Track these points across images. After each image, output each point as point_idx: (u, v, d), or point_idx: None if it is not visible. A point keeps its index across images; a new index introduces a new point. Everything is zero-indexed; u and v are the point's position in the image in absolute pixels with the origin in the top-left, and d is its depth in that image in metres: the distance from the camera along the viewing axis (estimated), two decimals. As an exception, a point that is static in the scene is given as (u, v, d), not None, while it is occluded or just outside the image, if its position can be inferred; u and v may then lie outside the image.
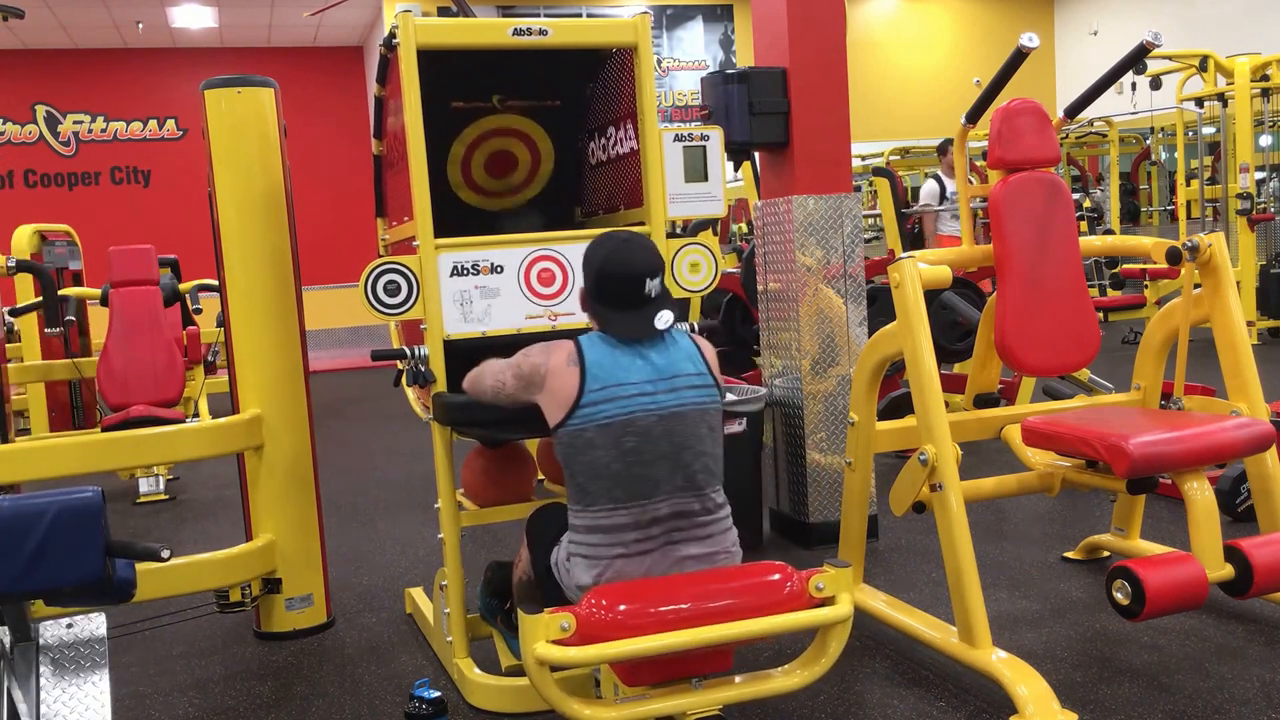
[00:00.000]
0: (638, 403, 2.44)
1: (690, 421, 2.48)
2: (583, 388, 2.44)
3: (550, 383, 2.49)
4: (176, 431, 3.90)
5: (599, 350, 2.49)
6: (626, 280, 2.51)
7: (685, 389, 2.49)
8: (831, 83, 4.47)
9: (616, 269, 2.52)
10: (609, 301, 2.54)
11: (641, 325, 2.51)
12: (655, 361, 2.50)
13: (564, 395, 2.46)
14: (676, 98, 15.29)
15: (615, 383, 2.45)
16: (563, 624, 2.22)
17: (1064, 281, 3.48)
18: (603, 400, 2.43)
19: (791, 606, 2.32)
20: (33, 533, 1.93)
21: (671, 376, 2.49)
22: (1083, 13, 16.59)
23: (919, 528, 4.53)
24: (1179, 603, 2.85)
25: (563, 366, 2.48)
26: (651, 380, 2.47)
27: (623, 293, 2.52)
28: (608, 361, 2.47)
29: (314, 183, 14.59)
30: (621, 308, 2.52)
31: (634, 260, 2.53)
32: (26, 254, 7.47)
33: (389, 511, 5.65)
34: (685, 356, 2.54)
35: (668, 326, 2.52)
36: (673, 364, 2.51)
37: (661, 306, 2.53)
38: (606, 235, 2.63)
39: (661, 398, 2.46)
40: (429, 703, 2.98)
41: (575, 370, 2.46)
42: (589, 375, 2.45)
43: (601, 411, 2.42)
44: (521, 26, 3.09)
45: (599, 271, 2.55)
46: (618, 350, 2.49)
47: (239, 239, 3.75)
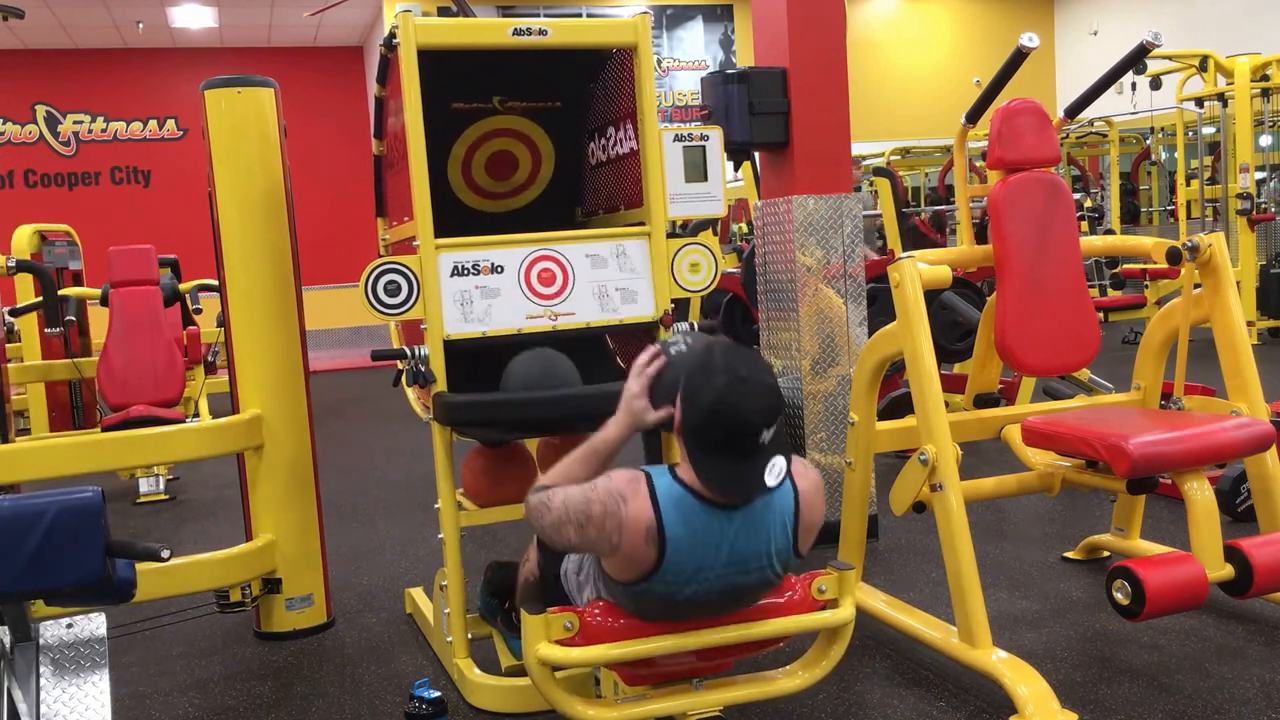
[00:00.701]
0: (713, 584, 2.20)
1: (751, 590, 2.27)
2: (657, 570, 2.15)
3: (624, 551, 2.16)
4: (176, 431, 3.90)
5: (682, 528, 2.14)
6: (740, 432, 2.08)
7: (767, 568, 2.24)
8: (831, 83, 4.47)
9: (730, 417, 2.09)
10: (709, 448, 2.12)
11: (748, 482, 2.12)
12: (742, 538, 2.18)
13: (633, 569, 2.18)
14: (676, 98, 15.30)
15: (694, 568, 2.16)
16: (565, 624, 2.22)
17: (1064, 281, 3.48)
18: (674, 583, 2.18)
19: (794, 609, 2.32)
20: (33, 533, 1.93)
21: (758, 555, 2.21)
22: (1083, 13, 16.60)
23: (919, 528, 4.52)
24: (1179, 603, 2.85)
25: (639, 542, 2.14)
26: (730, 564, 2.19)
27: (731, 443, 2.10)
28: (688, 544, 2.15)
29: (314, 183, 14.60)
30: (723, 455, 2.11)
31: (751, 408, 2.08)
32: (26, 254, 7.47)
33: (389, 511, 5.65)
34: (778, 520, 2.22)
35: (779, 483, 2.13)
36: (760, 535, 2.20)
37: (773, 454, 2.12)
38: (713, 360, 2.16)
39: (732, 578, 2.21)
40: (429, 703, 2.98)
41: (653, 551, 2.14)
42: (667, 561, 2.14)
43: (672, 589, 2.19)
44: (521, 26, 3.09)
45: (707, 415, 2.10)
46: (703, 528, 2.15)
47: (239, 239, 3.75)
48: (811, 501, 2.28)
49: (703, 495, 2.17)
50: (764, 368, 2.18)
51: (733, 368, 2.12)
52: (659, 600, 2.21)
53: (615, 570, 2.22)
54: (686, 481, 2.18)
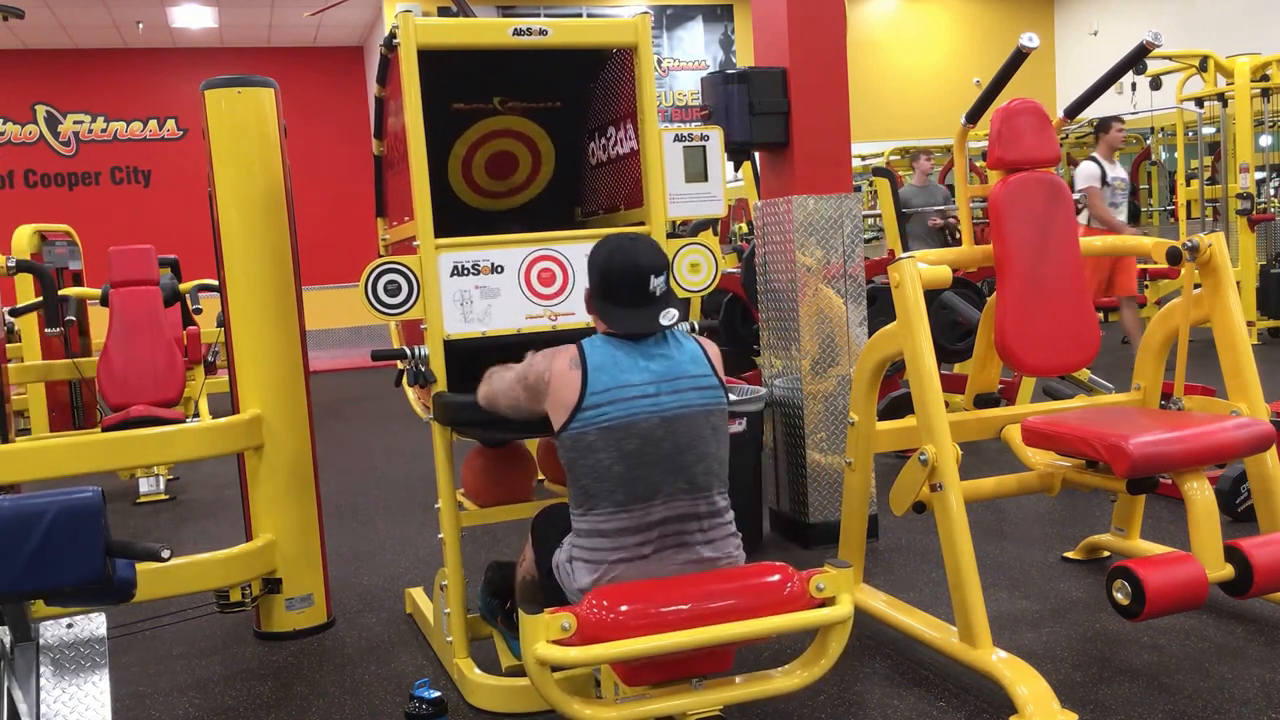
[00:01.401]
0: (640, 405, 2.42)
1: (693, 423, 2.46)
2: (584, 390, 2.42)
3: (554, 387, 2.47)
4: (176, 431, 3.90)
5: (602, 352, 2.48)
6: (631, 277, 2.50)
7: (689, 390, 2.47)
8: (831, 83, 4.47)
9: (621, 266, 2.51)
10: (613, 299, 2.52)
11: (646, 322, 2.49)
12: (659, 363, 2.48)
13: (566, 398, 2.44)
14: (676, 98, 15.30)
15: (617, 385, 2.43)
16: (563, 624, 2.22)
17: (1064, 281, 3.48)
18: (605, 403, 2.41)
19: (792, 607, 2.32)
20: (33, 533, 1.93)
21: (675, 378, 2.47)
22: (1083, 13, 16.60)
23: (919, 528, 4.53)
24: (1179, 603, 2.85)
25: (565, 370, 2.47)
26: (654, 382, 2.45)
27: (627, 290, 2.50)
28: (610, 363, 2.45)
29: (314, 183, 14.59)
30: (626, 305, 2.51)
31: (639, 257, 2.52)
32: (27, 254, 7.47)
33: (389, 511, 5.65)
34: (689, 358, 2.52)
35: (672, 323, 2.50)
36: (676, 365, 2.49)
37: (666, 304, 2.51)
38: (611, 235, 2.63)
39: (665, 399, 2.44)
40: (429, 703, 2.98)
41: (577, 373, 2.44)
42: (591, 378, 2.43)
43: (604, 414, 2.41)
44: (522, 27, 3.09)
45: (603, 268, 2.54)
46: (620, 352, 2.48)
47: (239, 239, 3.75)
48: (715, 354, 2.60)
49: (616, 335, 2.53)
50: (650, 238, 2.68)
51: (622, 235, 2.62)
52: (603, 439, 2.39)
53: (554, 414, 2.47)
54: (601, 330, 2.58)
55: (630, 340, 2.51)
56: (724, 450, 2.54)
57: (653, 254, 2.55)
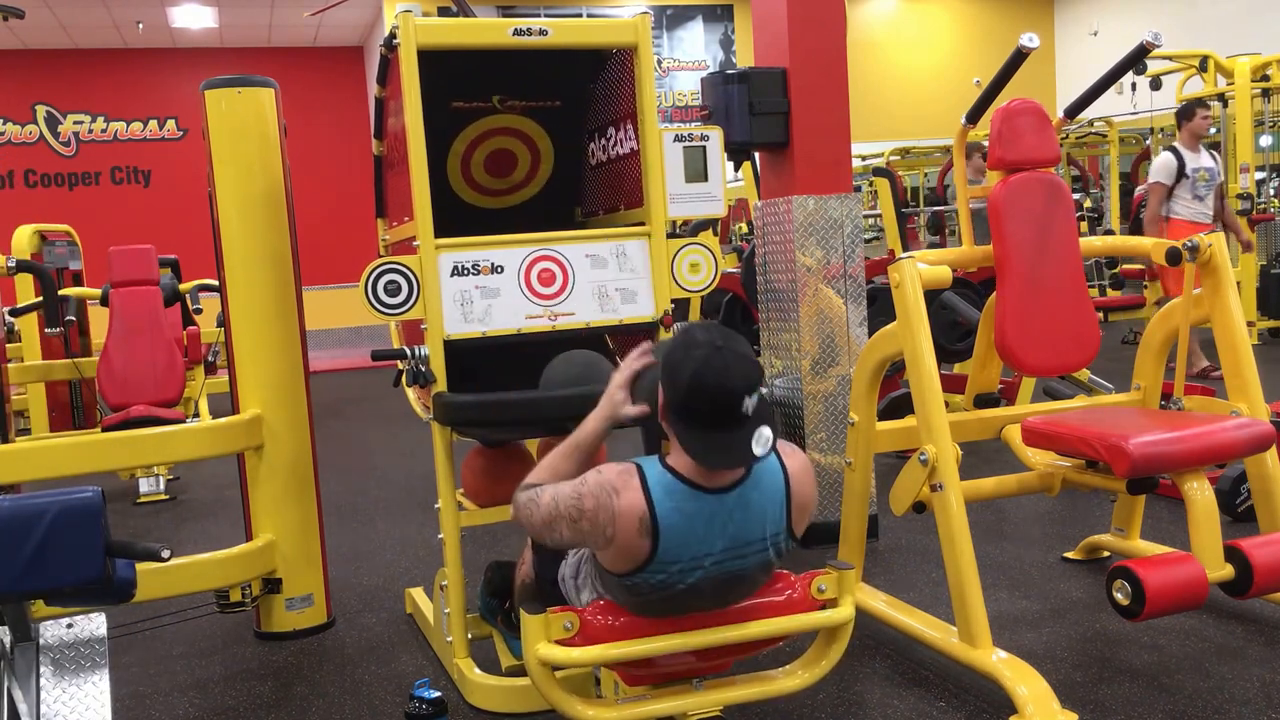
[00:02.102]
0: (705, 572, 2.18)
1: (753, 578, 2.27)
2: (653, 559, 2.15)
3: (618, 544, 2.15)
4: (176, 431, 3.90)
5: (675, 514, 2.14)
6: (721, 400, 2.09)
7: (758, 553, 2.23)
8: (831, 83, 4.47)
9: (710, 386, 2.09)
10: (696, 423, 2.12)
11: (736, 451, 2.11)
12: (736, 522, 2.18)
13: (628, 561, 2.17)
14: (676, 98, 15.30)
15: (689, 556, 2.16)
16: (565, 624, 2.22)
17: (1064, 281, 3.48)
18: (670, 572, 2.17)
19: (794, 609, 2.32)
20: (33, 533, 1.93)
21: (748, 542, 2.20)
22: (1083, 13, 16.60)
23: (919, 528, 4.53)
24: (1179, 603, 2.85)
25: (633, 535, 2.13)
26: (726, 550, 2.18)
27: (715, 415, 2.10)
28: (683, 532, 2.14)
29: (314, 183, 14.59)
30: (712, 429, 2.12)
31: (731, 374, 2.10)
32: (27, 254, 7.47)
33: (389, 511, 5.65)
34: (769, 499, 2.22)
35: (767, 452, 2.13)
36: (753, 521, 2.20)
37: (758, 424, 2.12)
38: (690, 338, 2.16)
39: (730, 564, 2.20)
40: (429, 703, 2.98)
41: (647, 543, 2.13)
42: (661, 550, 2.13)
43: (668, 579, 2.18)
44: (522, 27, 3.09)
45: (688, 386, 2.11)
46: (698, 512, 2.15)
47: (239, 239, 3.75)
48: (801, 479, 2.28)
49: (694, 482, 2.17)
50: (741, 340, 2.18)
51: (710, 340, 2.14)
52: (656, 591, 2.20)
53: (610, 563, 2.21)
54: (677, 469, 2.18)
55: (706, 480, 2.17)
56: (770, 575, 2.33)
57: (747, 367, 2.13)
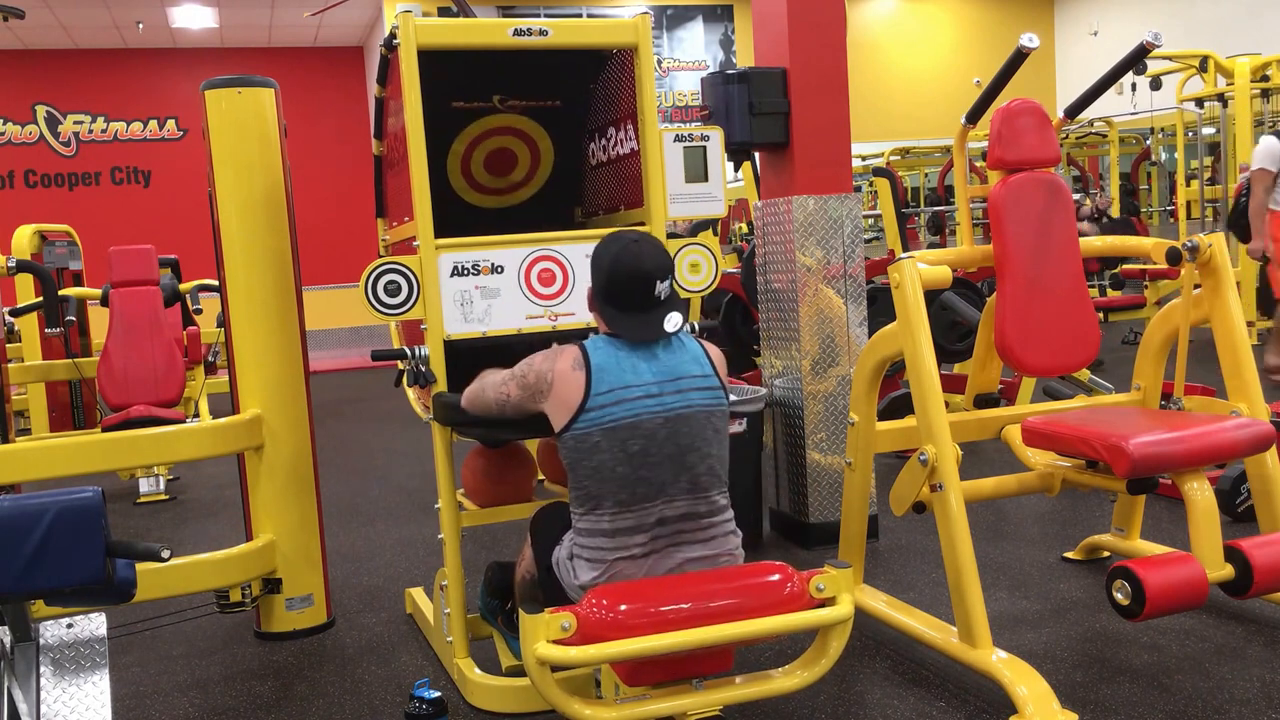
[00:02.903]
0: (643, 405, 2.42)
1: (696, 423, 2.47)
2: (588, 391, 2.42)
3: (556, 387, 2.46)
4: (176, 431, 3.89)
5: (604, 353, 2.47)
6: (636, 281, 2.48)
7: (691, 390, 2.47)
8: (831, 83, 4.47)
9: (626, 270, 2.49)
10: (617, 303, 2.51)
11: (650, 327, 2.49)
12: (662, 363, 2.48)
13: (570, 399, 2.43)
14: (676, 98, 15.30)
15: (621, 385, 2.43)
16: (563, 624, 2.22)
17: (1064, 281, 3.48)
18: (609, 404, 2.41)
19: (792, 607, 2.32)
20: (33, 533, 1.93)
21: (678, 378, 2.47)
22: (1083, 13, 16.60)
23: (919, 528, 4.53)
24: (1179, 603, 2.85)
25: (568, 371, 2.45)
26: (658, 382, 2.45)
27: (632, 294, 2.49)
28: (613, 364, 2.45)
29: (314, 183, 14.59)
30: (630, 309, 2.50)
31: (644, 261, 2.49)
32: (27, 254, 7.48)
33: (389, 511, 5.65)
34: (691, 359, 2.52)
35: (677, 329, 2.50)
36: (679, 365, 2.49)
37: (671, 308, 2.51)
38: (615, 235, 2.58)
39: (668, 399, 2.44)
40: (429, 703, 2.98)
41: (581, 374, 2.43)
42: (594, 378, 2.42)
43: (607, 415, 2.41)
44: (522, 27, 3.09)
45: (608, 272, 2.51)
46: (623, 353, 2.47)
47: (239, 239, 3.75)
48: (717, 354, 2.58)
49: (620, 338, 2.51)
50: (655, 240, 2.59)
51: (626, 235, 2.55)
52: (606, 438, 2.39)
53: (555, 412, 2.46)
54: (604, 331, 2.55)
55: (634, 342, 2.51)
56: (725, 450, 2.54)
57: (658, 257, 2.52)
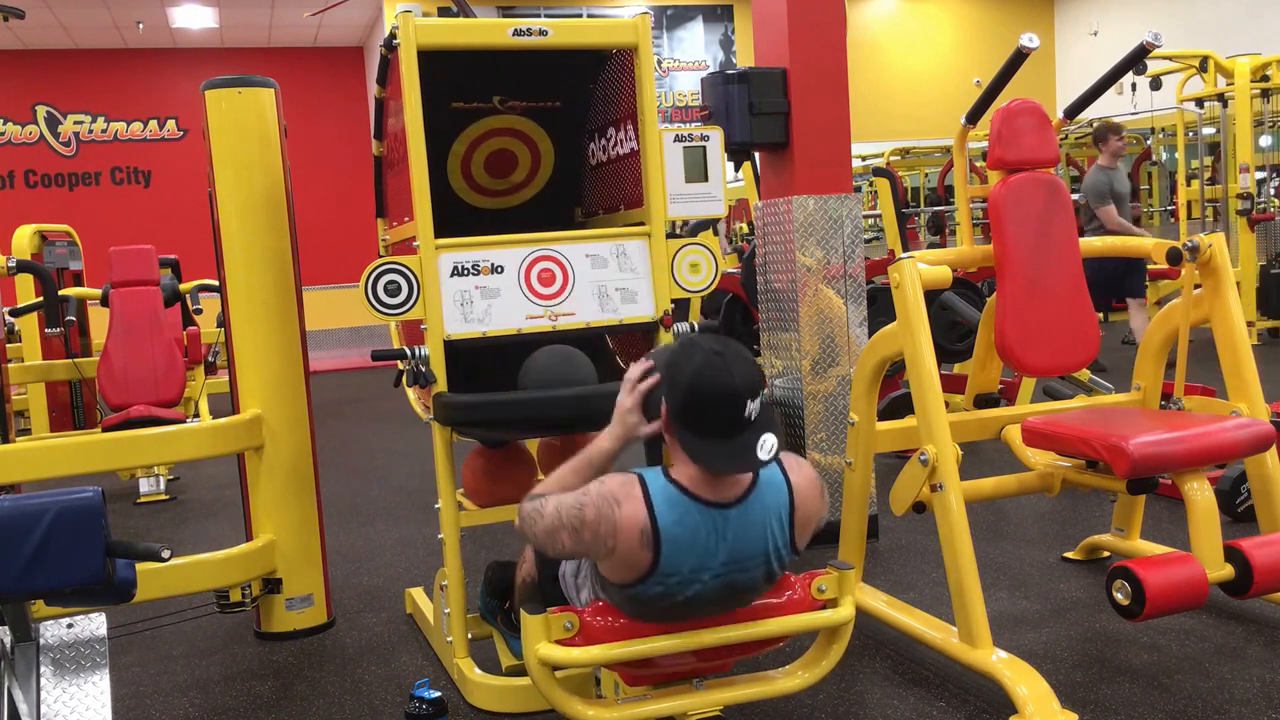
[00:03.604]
0: (708, 585, 2.19)
1: (750, 587, 2.26)
2: (654, 571, 2.15)
3: (619, 556, 2.15)
4: (176, 431, 3.90)
5: (677, 529, 2.14)
6: (723, 403, 2.11)
7: (756, 567, 2.23)
8: (831, 83, 4.47)
9: (712, 390, 2.11)
10: (700, 430, 2.13)
11: (741, 456, 2.12)
12: (738, 536, 2.18)
13: (629, 572, 2.17)
14: (676, 98, 15.30)
15: (690, 570, 2.16)
16: (565, 624, 2.22)
17: (1064, 281, 3.48)
18: (671, 584, 2.17)
19: (794, 609, 2.32)
20: (33, 533, 1.93)
21: (751, 556, 2.20)
22: (1083, 13, 16.60)
23: (919, 528, 4.53)
24: (1179, 603, 2.85)
25: (634, 546, 2.13)
26: (727, 563, 2.18)
27: (718, 419, 2.11)
28: (684, 545, 2.14)
29: (314, 183, 14.58)
30: (716, 437, 2.12)
31: (733, 378, 2.11)
32: (27, 254, 7.48)
33: (389, 511, 5.65)
34: (774, 515, 2.22)
35: (772, 456, 2.13)
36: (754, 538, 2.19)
37: (762, 430, 2.13)
38: (691, 344, 2.19)
39: (730, 577, 2.20)
40: (429, 703, 2.98)
41: (648, 554, 2.13)
42: (663, 562, 2.13)
43: (669, 590, 2.18)
44: (522, 27, 3.09)
45: (687, 391, 2.13)
46: (698, 528, 2.15)
47: (239, 239, 3.75)
48: (806, 495, 2.27)
49: (697, 494, 2.16)
50: (741, 347, 2.20)
51: (709, 346, 2.16)
52: (656, 601, 2.20)
53: (611, 573, 2.21)
54: (680, 481, 2.18)
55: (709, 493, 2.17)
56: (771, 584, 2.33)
57: (748, 370, 2.14)
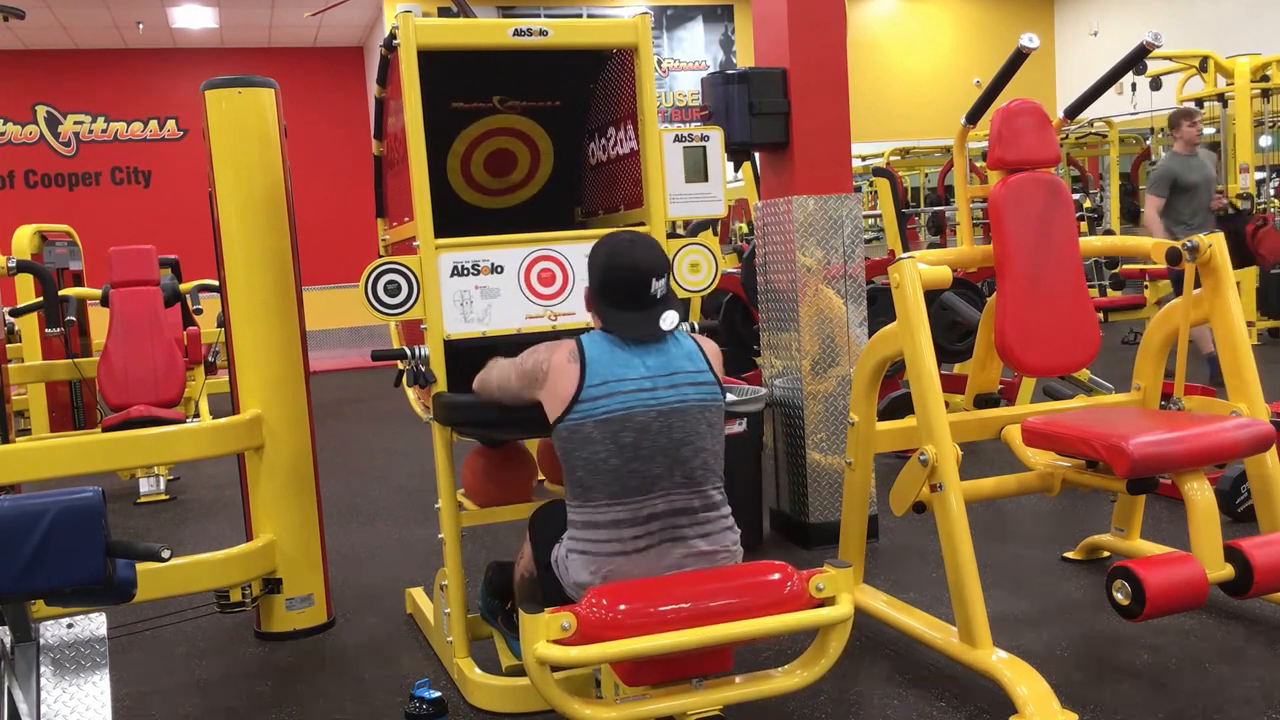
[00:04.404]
0: (637, 398, 2.45)
1: (690, 418, 2.49)
2: (582, 382, 2.46)
3: (551, 378, 2.51)
4: (176, 431, 3.90)
5: (600, 347, 2.51)
6: (631, 280, 2.52)
7: (685, 385, 2.50)
8: (831, 83, 4.47)
9: (621, 268, 2.53)
10: (613, 301, 2.54)
11: (646, 326, 2.52)
12: (656, 358, 2.51)
13: (564, 390, 2.47)
14: (676, 98, 15.29)
15: (615, 378, 2.46)
16: (563, 623, 2.22)
17: (1064, 282, 3.48)
18: (602, 395, 2.45)
19: (792, 606, 2.32)
20: (33, 533, 1.93)
21: (672, 373, 2.50)
22: (1083, 13, 16.59)
23: (919, 528, 4.53)
24: (1179, 603, 2.85)
25: (563, 362, 2.50)
26: (651, 376, 2.48)
27: (627, 293, 2.52)
28: (608, 358, 2.49)
29: (314, 183, 14.58)
30: (626, 308, 2.53)
31: (639, 260, 2.53)
32: (27, 254, 7.48)
33: (389, 511, 5.65)
34: (686, 354, 2.55)
35: (672, 328, 2.53)
36: (673, 361, 2.52)
37: (666, 307, 2.54)
38: (611, 235, 2.63)
39: (661, 394, 2.47)
40: (429, 703, 2.98)
41: (575, 366, 2.48)
42: (589, 370, 2.46)
43: (600, 406, 2.44)
44: (522, 27, 3.09)
45: (603, 270, 2.55)
46: (618, 348, 2.51)
47: (239, 239, 3.75)
48: (713, 349, 2.61)
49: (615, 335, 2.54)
50: (651, 239, 2.64)
51: (622, 235, 2.61)
52: (599, 429, 2.42)
53: (550, 405, 2.49)
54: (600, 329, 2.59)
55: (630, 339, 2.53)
56: (720, 445, 2.57)
57: (653, 256, 2.56)
